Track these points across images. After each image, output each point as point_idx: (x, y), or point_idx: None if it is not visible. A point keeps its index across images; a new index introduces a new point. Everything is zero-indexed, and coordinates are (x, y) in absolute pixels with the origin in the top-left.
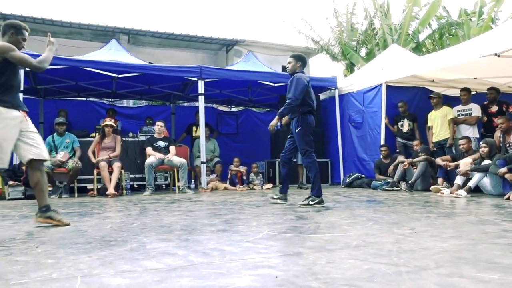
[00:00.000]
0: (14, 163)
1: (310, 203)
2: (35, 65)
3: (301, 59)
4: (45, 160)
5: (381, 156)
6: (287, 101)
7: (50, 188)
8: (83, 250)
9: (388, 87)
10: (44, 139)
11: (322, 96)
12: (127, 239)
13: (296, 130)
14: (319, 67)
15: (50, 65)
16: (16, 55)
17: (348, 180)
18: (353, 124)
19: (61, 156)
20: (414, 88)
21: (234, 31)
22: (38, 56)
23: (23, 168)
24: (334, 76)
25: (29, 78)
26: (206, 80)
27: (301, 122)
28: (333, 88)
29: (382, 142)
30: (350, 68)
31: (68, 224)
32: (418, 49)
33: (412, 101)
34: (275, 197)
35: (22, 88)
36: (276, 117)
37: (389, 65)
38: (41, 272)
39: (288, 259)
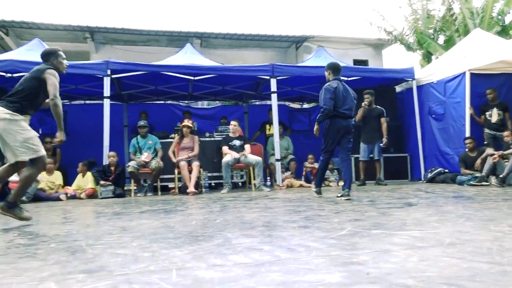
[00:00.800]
0: (104, 163)
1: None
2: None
3: (330, 68)
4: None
5: (467, 149)
6: (321, 109)
7: (136, 187)
8: (174, 245)
9: (472, 75)
10: (129, 141)
11: (398, 88)
12: (213, 235)
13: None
14: (393, 59)
15: (132, 71)
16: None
17: (430, 175)
18: (433, 116)
19: (144, 156)
20: (502, 75)
21: (303, 28)
22: (118, 63)
23: (112, 169)
24: (411, 66)
25: (114, 85)
26: (278, 78)
27: (328, 124)
28: (410, 80)
29: (467, 134)
30: (427, 57)
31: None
32: (504, 32)
33: (501, 89)
34: (338, 195)
35: (108, 95)
36: (315, 123)
37: (473, 52)
38: (140, 265)
39: (377, 256)
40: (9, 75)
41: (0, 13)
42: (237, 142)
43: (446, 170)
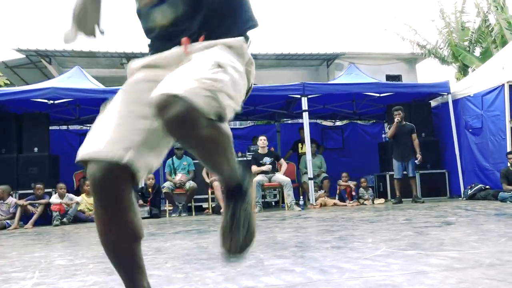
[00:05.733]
0: (141, 185)
1: None
2: None
3: None
4: None
5: (509, 164)
6: None
7: (171, 208)
8: (207, 266)
9: (511, 87)
10: (164, 162)
11: (433, 103)
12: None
13: None
14: (427, 73)
15: None
16: None
17: (469, 192)
18: (470, 130)
19: (179, 177)
20: None
21: (334, 45)
22: None
23: (150, 190)
24: (446, 80)
25: None
26: (309, 96)
27: None
28: (446, 94)
29: (509, 148)
30: (463, 70)
31: None
32: None
33: None
34: None
35: None
36: None
37: (511, 63)
38: (173, 286)
39: (413, 278)
40: (51, 102)
41: (44, 43)
42: (267, 160)
43: (487, 187)
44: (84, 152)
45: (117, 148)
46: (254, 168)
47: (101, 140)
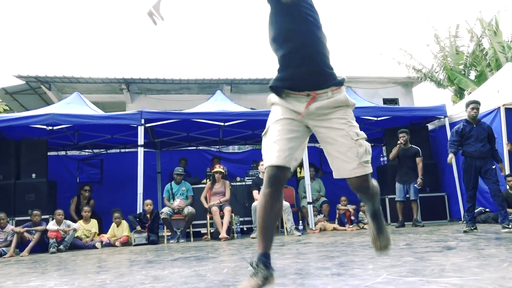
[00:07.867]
0: (139, 211)
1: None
2: None
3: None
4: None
5: (508, 187)
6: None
7: (169, 234)
8: None
9: (507, 110)
10: (162, 187)
11: (430, 126)
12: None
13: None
14: (424, 96)
15: (165, 119)
16: None
17: None
18: None
19: (177, 203)
20: None
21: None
22: (151, 112)
23: (148, 216)
24: (442, 104)
25: (148, 133)
26: None
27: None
28: (443, 117)
29: (508, 171)
30: (459, 93)
31: None
32: None
33: None
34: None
35: (142, 143)
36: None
37: (506, 86)
38: None
39: None
40: (50, 128)
41: (43, 69)
42: None
43: (487, 209)
44: (268, 161)
45: (282, 157)
46: (255, 194)
47: (274, 152)
